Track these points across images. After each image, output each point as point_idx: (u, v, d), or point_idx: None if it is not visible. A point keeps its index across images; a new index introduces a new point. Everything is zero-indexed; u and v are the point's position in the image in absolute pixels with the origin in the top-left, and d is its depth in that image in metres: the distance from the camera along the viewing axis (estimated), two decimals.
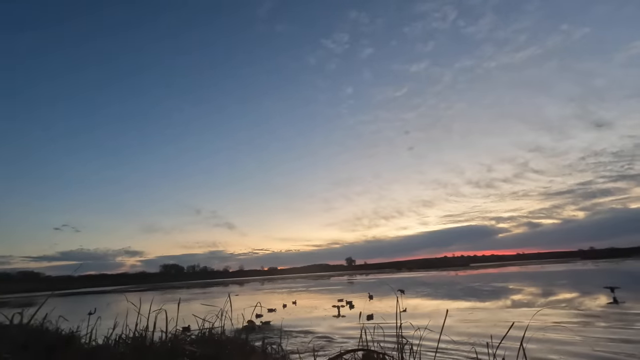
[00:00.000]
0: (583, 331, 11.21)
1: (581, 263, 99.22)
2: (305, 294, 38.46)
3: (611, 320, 12.94)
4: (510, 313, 16.02)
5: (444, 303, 21.86)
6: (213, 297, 40.17)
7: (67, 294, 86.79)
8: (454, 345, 9.15)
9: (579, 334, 10.88)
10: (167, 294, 54.48)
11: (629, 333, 10.62)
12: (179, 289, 76.78)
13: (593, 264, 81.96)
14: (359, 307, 21.39)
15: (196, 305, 24.53)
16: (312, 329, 14.80)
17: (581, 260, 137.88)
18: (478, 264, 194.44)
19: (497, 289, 30.20)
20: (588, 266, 71.81)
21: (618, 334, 10.55)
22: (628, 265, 65.46)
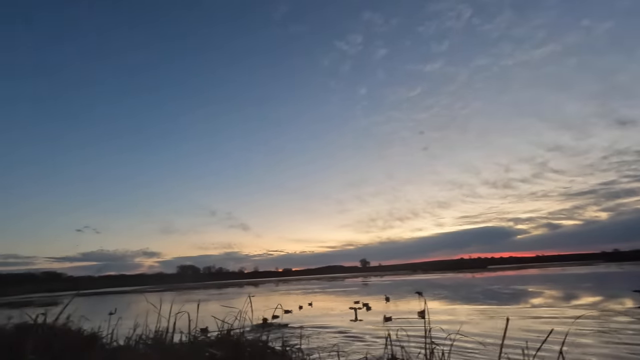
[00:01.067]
0: (615, 336, 10.69)
1: (604, 265, 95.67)
2: (321, 296, 38.30)
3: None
4: (536, 317, 15.46)
5: (465, 306, 21.33)
6: (229, 298, 40.50)
7: (89, 294, 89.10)
8: (484, 349, 8.85)
9: (611, 339, 10.38)
10: (184, 295, 55.21)
11: None
12: (196, 290, 77.73)
13: (617, 267, 78.92)
14: (375, 309, 21.11)
15: (214, 306, 24.72)
16: (331, 330, 14.63)
17: (604, 263, 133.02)
18: (496, 266, 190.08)
19: (518, 291, 29.34)
20: (612, 269, 69.17)
21: None
22: None
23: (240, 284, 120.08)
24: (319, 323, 17.08)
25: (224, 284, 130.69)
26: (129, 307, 30.79)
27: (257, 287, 76.66)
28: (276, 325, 16.04)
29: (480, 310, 18.75)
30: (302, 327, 15.35)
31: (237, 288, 77.71)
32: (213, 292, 63.37)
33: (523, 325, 13.23)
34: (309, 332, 14.04)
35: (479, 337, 11.06)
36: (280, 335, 10.57)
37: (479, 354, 9.00)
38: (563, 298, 23.02)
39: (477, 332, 12.17)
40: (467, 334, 11.42)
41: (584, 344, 9.99)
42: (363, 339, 12.33)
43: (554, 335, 3.41)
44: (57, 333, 6.44)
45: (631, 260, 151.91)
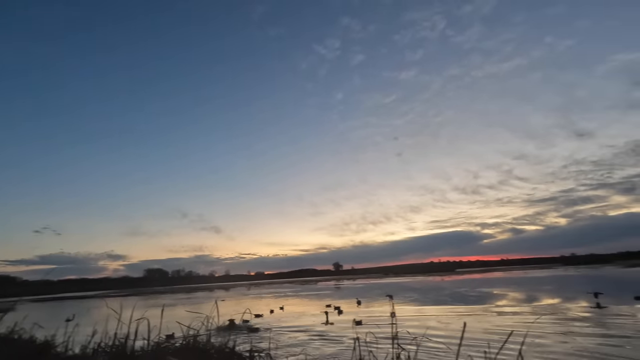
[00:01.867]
0: (570, 336, 11.27)
1: (563, 269, 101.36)
2: (293, 300, 38.03)
3: (596, 325, 13.08)
4: (500, 319, 16.06)
5: (433, 309, 21.84)
6: (199, 303, 39.37)
7: (46, 299, 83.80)
8: (449, 350, 9.06)
9: (567, 339, 10.93)
10: (151, 300, 53.14)
11: (614, 337, 10.72)
12: (163, 294, 75.06)
13: (575, 270, 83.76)
14: (347, 313, 21.20)
15: (181, 311, 23.94)
16: (301, 334, 14.51)
17: (563, 266, 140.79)
18: (463, 270, 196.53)
19: (484, 294, 30.43)
20: (570, 272, 73.33)
21: (603, 338, 10.64)
22: (608, 271, 67.11)
23: (211, 288, 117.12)
24: (289, 327, 16.92)
25: (194, 288, 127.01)
26: (88, 313, 29.24)
27: (228, 291, 75.05)
28: (245, 330, 15.73)
29: (448, 313, 19.25)
30: (271, 332, 15.16)
31: (207, 292, 75.71)
32: (182, 296, 61.38)
33: (487, 327, 13.69)
34: (278, 337, 13.87)
35: (445, 338, 11.34)
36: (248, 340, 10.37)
37: (444, 355, 9.21)
38: (525, 300, 24.09)
39: (443, 334, 12.47)
40: (434, 335, 11.68)
41: (543, 344, 10.46)
42: (333, 343, 12.32)
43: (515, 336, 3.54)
44: (6, 342, 5.98)
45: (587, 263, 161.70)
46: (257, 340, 12.95)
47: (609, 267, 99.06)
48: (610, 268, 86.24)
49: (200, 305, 34.48)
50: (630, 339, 10.67)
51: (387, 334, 3.90)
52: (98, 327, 5.72)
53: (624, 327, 12.45)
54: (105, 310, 5.36)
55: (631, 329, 12.16)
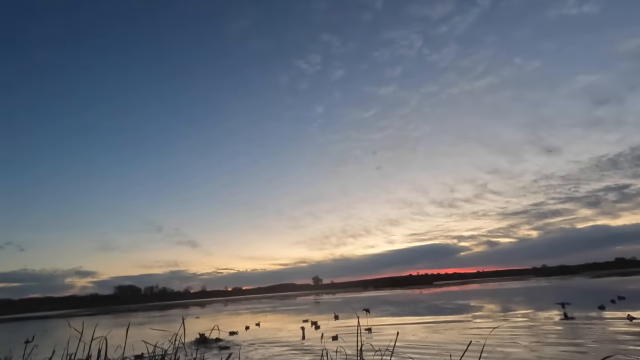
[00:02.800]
0: (537, 346, 11.63)
1: (535, 280, 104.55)
2: (270, 315, 37.31)
3: (563, 335, 13.56)
4: (471, 330, 16.35)
5: (408, 321, 21.97)
6: (172, 321, 37.94)
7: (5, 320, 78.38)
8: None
9: (533, 349, 11.27)
10: (121, 318, 50.78)
11: (578, 345, 11.16)
12: (135, 312, 71.85)
13: (546, 281, 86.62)
14: (324, 328, 20.99)
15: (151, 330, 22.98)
16: (275, 351, 14.25)
17: (535, 278, 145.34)
18: (441, 282, 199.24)
19: (460, 306, 30.92)
20: (541, 283, 75.77)
21: (568, 347, 11.05)
22: (576, 282, 69.80)
23: (186, 304, 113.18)
24: (263, 344, 16.58)
25: (168, 305, 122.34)
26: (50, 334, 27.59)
27: (204, 308, 72.75)
28: (217, 348, 15.31)
29: (423, 325, 19.42)
30: (244, 349, 14.83)
31: (181, 309, 73.05)
32: (154, 314, 58.98)
33: (460, 338, 13.92)
34: (251, 354, 13.56)
35: (418, 349, 11.45)
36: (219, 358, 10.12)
37: None
38: (498, 311, 24.65)
39: (416, 346, 12.57)
40: (408, 347, 11.78)
41: (512, 352, 10.74)
42: (306, 359, 12.17)
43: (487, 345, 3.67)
44: None
45: (557, 274, 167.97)
46: (228, 357, 12.64)
47: (577, 277, 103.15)
48: (578, 279, 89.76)
49: (173, 324, 33.24)
50: (593, 346, 11.13)
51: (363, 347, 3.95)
52: (58, 349, 5.46)
53: (588, 336, 12.96)
54: (68, 331, 5.15)
55: (594, 337, 12.68)
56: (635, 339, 11.86)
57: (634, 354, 9.79)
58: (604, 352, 10.22)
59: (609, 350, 10.47)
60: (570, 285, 57.42)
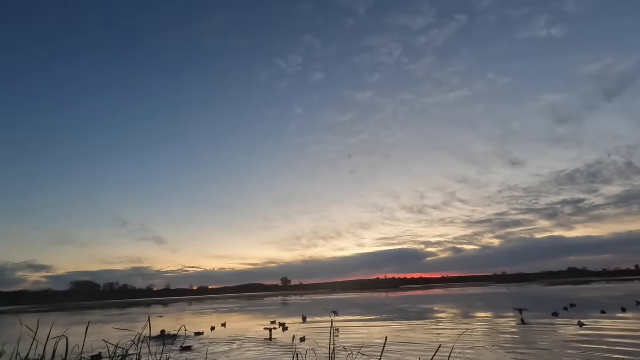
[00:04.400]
0: (497, 349, 12.15)
1: (495, 287, 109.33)
2: (237, 316, 36.67)
3: (520, 339, 14.25)
4: (435, 334, 16.83)
5: (375, 324, 22.31)
6: (133, 320, 36.39)
7: None
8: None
9: (493, 352, 11.77)
10: (76, 316, 48.17)
11: (533, 349, 11.78)
12: (92, 310, 68.37)
13: (505, 288, 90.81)
14: (292, 330, 20.89)
15: (111, 329, 21.94)
16: (240, 353, 14.01)
17: (495, 284, 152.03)
18: (407, 286, 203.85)
19: (424, 310, 31.75)
20: (501, 289, 79.37)
21: (523, 350, 11.64)
22: (533, 289, 73.68)
23: (148, 303, 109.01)
24: (229, 345, 16.27)
25: (129, 303, 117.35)
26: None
27: (167, 307, 70.40)
28: (181, 349, 14.86)
29: (388, 328, 19.78)
30: (208, 350, 14.48)
31: (143, 308, 70.31)
32: (114, 312, 56.39)
33: (424, 341, 14.29)
34: (216, 355, 13.26)
35: (379, 352, 11.63)
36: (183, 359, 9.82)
37: None
38: (460, 316, 25.53)
39: (380, 349, 12.78)
40: (372, 349, 11.94)
41: (473, 356, 11.14)
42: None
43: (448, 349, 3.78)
44: None
45: (516, 282, 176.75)
46: (192, 358, 12.33)
47: (534, 285, 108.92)
48: (534, 286, 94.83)
49: (135, 324, 31.90)
50: (545, 350, 11.79)
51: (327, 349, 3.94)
52: (7, 348, 5.09)
53: (541, 340, 13.71)
54: (19, 328, 4.79)
55: (548, 341, 13.44)
56: (584, 343, 12.67)
57: (583, 357, 10.44)
58: (556, 356, 10.84)
59: (560, 354, 11.12)
60: (527, 292, 60.53)
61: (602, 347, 12.02)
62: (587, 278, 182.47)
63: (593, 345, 12.31)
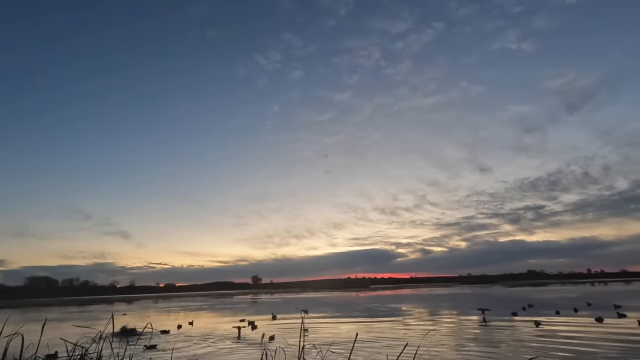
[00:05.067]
0: (460, 347, 12.64)
1: (460, 287, 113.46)
2: (205, 314, 35.93)
3: (481, 337, 14.88)
4: (402, 332, 17.25)
5: (345, 323, 22.56)
6: (93, 318, 34.79)
7: None
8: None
9: (457, 349, 12.23)
10: (31, 313, 45.45)
11: (493, 347, 12.35)
12: (49, 307, 64.74)
13: (470, 289, 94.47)
14: (262, 328, 20.73)
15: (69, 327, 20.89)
16: (208, 351, 13.75)
17: (460, 285, 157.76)
18: (377, 286, 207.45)
19: (392, 310, 32.45)
20: (465, 290, 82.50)
21: (484, 347, 12.18)
22: (495, 290, 77.09)
23: (110, 300, 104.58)
24: (195, 343, 15.93)
25: (89, 300, 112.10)
26: None
27: (131, 304, 67.86)
28: (146, 348, 14.39)
29: (358, 326, 20.07)
30: (174, 349, 14.12)
31: (105, 305, 67.40)
32: (73, 309, 53.68)
33: (391, 339, 14.62)
34: (182, 354, 12.94)
35: (348, 350, 11.79)
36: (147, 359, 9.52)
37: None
38: (427, 315, 26.31)
39: (349, 347, 12.95)
40: (340, 347, 12.10)
41: (437, 353, 11.53)
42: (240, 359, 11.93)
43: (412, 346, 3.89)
44: None
45: (479, 283, 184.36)
46: (157, 357, 11.97)
47: (496, 286, 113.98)
48: (496, 287, 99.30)
49: (94, 321, 30.52)
50: (504, 347, 12.39)
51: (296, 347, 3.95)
52: None
53: (501, 339, 14.39)
54: None
55: (506, 339, 14.15)
56: (539, 341, 13.42)
57: (538, 354, 11.06)
58: (513, 353, 11.42)
59: (517, 351, 11.73)
60: (489, 293, 63.27)
61: (555, 344, 12.79)
62: (545, 280, 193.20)
63: (547, 343, 13.07)
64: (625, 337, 13.97)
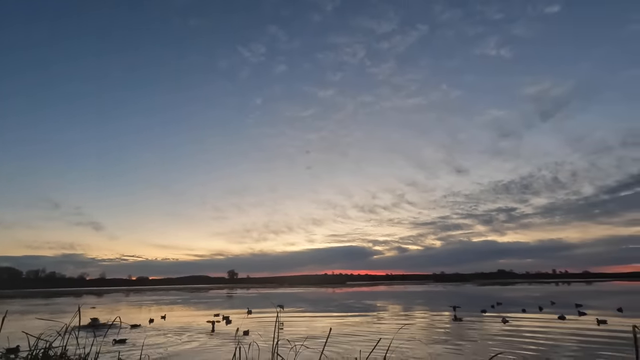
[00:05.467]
0: (432, 342, 12.98)
1: (434, 285, 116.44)
2: (179, 308, 35.27)
3: (452, 333, 15.34)
4: (377, 328, 17.53)
5: (320, 318, 22.70)
6: (59, 311, 33.45)
7: None
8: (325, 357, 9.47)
9: (428, 344, 12.55)
10: None
11: (462, 342, 12.76)
12: (11, 299, 61.74)
13: (443, 286, 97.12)
14: (236, 322, 20.56)
15: (33, 320, 20.00)
16: (179, 345, 13.50)
17: (434, 283, 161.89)
18: (353, 282, 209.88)
19: (368, 306, 32.92)
20: (439, 288, 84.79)
21: (454, 342, 12.56)
22: (466, 288, 79.61)
23: (79, 292, 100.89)
24: (168, 338, 15.61)
25: (56, 292, 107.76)
26: None
27: (101, 297, 65.74)
28: (115, 342, 13.98)
29: (333, 321, 20.24)
30: (145, 343, 13.80)
31: (73, 298, 64.97)
32: (37, 301, 51.45)
33: (367, 335, 14.83)
34: (153, 350, 12.65)
35: (328, 345, 11.89)
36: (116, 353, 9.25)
37: None
38: (401, 311, 26.85)
39: (324, 342, 13.04)
40: (317, 342, 12.16)
41: (409, 348, 11.79)
42: (213, 354, 11.78)
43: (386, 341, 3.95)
44: None
45: (452, 281, 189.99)
46: (126, 352, 11.66)
47: (468, 284, 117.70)
48: (468, 286, 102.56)
49: (60, 314, 29.36)
50: (473, 342, 12.83)
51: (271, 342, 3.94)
52: None
53: (470, 334, 14.90)
54: None
55: (476, 335, 14.66)
56: (506, 337, 13.98)
57: (505, 348, 11.51)
58: (481, 347, 11.83)
59: (486, 345, 12.16)
60: (461, 291, 65.28)
61: (521, 339, 13.38)
62: (513, 280, 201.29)
63: (513, 338, 13.65)
64: (585, 333, 14.81)
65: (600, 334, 14.43)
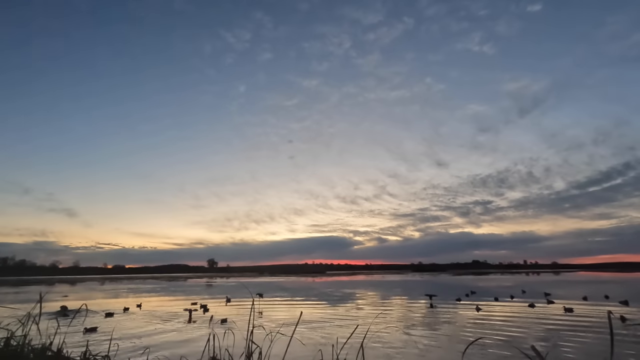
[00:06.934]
0: (408, 329, 13.25)
1: (412, 275, 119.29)
2: (156, 297, 34.67)
3: (428, 320, 15.72)
4: (354, 315, 17.77)
5: (299, 306, 22.81)
6: (28, 300, 32.25)
7: None
8: (303, 348, 9.49)
9: (404, 331, 12.81)
10: None
11: (437, 329, 13.10)
12: None
13: (420, 276, 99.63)
14: (214, 311, 20.37)
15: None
16: (154, 334, 13.25)
17: (412, 273, 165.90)
18: (333, 272, 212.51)
19: (346, 294, 33.36)
20: (416, 277, 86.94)
21: (429, 329, 12.89)
22: (442, 278, 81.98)
23: (51, 281, 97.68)
24: (142, 327, 15.30)
25: (26, 280, 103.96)
26: None
27: (74, 286, 63.84)
28: (85, 330, 13.58)
29: (311, 309, 20.38)
30: (117, 333, 13.47)
31: (44, 286, 62.80)
32: (5, 290, 49.46)
33: (346, 323, 15.00)
34: (126, 341, 12.35)
35: (306, 333, 11.94)
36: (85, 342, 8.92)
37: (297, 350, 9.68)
38: (378, 300, 27.34)
39: (304, 329, 13.11)
40: (297, 330, 12.18)
41: (386, 334, 11.99)
42: (188, 343, 11.62)
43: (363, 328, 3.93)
44: None
45: (429, 271, 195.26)
46: (96, 341, 11.34)
47: (444, 274, 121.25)
48: (444, 275, 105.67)
49: (29, 303, 28.31)
50: (448, 328, 13.19)
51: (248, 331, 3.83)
52: None
53: (445, 321, 15.31)
54: None
55: (450, 321, 15.09)
56: (479, 323, 14.45)
57: (477, 334, 11.88)
58: (455, 333, 12.18)
59: (459, 332, 12.53)
60: (437, 280, 67.19)
61: (492, 326, 13.86)
62: (487, 270, 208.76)
63: (485, 326, 14.12)
64: (553, 320, 15.53)
65: (567, 321, 15.17)
